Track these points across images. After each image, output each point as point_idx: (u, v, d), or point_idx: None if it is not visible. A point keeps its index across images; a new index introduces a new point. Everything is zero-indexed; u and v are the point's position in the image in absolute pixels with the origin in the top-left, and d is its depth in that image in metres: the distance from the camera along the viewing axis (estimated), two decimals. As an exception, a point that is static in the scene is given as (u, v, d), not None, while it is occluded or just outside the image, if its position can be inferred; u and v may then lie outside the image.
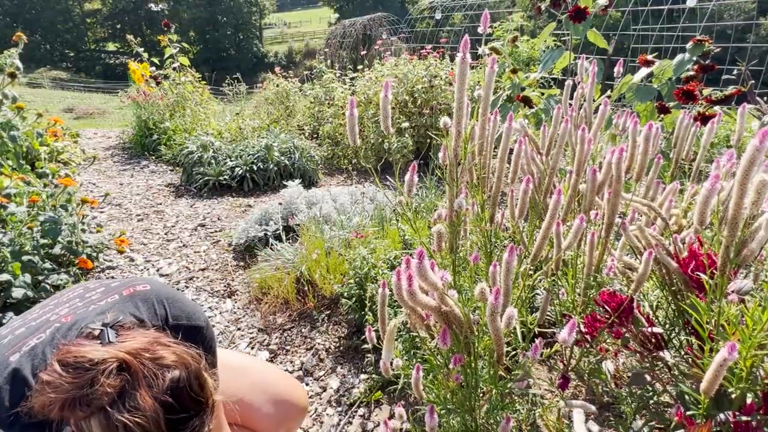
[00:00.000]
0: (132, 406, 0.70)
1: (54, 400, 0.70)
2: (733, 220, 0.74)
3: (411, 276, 0.76)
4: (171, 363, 0.76)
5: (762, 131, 0.67)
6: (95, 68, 34.35)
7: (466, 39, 0.85)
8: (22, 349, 0.81)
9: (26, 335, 0.84)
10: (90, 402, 0.69)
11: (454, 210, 1.00)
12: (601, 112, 1.27)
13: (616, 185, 1.05)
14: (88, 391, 0.69)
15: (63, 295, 0.98)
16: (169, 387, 0.74)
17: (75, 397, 0.69)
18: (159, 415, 0.71)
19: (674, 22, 11.66)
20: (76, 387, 0.70)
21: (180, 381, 0.75)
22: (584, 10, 2.32)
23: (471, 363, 0.99)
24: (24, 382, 0.78)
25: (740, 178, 0.71)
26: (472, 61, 1.00)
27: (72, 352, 0.74)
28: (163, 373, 0.74)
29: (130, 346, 0.76)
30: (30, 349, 0.82)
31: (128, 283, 0.99)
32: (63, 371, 0.72)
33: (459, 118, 0.94)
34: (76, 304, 0.93)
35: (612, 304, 0.99)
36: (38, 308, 0.93)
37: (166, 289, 1.04)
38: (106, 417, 0.69)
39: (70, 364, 0.72)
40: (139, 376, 0.73)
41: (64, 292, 0.99)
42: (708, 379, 0.67)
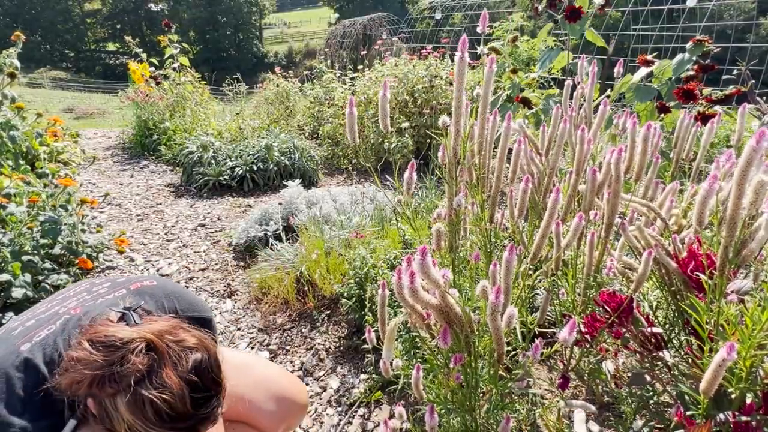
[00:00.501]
0: (159, 384, 0.73)
1: (85, 377, 0.72)
2: (731, 220, 0.74)
3: (413, 273, 0.76)
4: (193, 345, 0.79)
5: (759, 132, 0.67)
6: (95, 68, 34.35)
7: (464, 38, 0.85)
8: (33, 339, 0.83)
9: (36, 326, 0.86)
10: (120, 379, 0.72)
11: (453, 209, 1.00)
12: (601, 112, 1.27)
13: (615, 185, 1.05)
14: (118, 369, 0.72)
15: (69, 290, 1.00)
16: (193, 367, 0.77)
17: (106, 374, 0.72)
18: (185, 393, 0.74)
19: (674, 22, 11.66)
20: (108, 364, 0.72)
21: (203, 362, 0.78)
22: (579, 9, 2.33)
23: (471, 362, 0.99)
24: (36, 370, 0.80)
25: (738, 178, 0.71)
26: (472, 61, 1.00)
27: (101, 332, 0.77)
28: (186, 354, 0.77)
29: (154, 328, 0.79)
30: (41, 339, 0.83)
31: (135, 279, 1.02)
32: (94, 349, 0.74)
33: (458, 117, 0.94)
34: (84, 297, 0.95)
35: (612, 304, 0.99)
36: (46, 302, 0.96)
37: (171, 284, 1.07)
38: (134, 394, 0.71)
39: (101, 342, 0.75)
40: (165, 356, 0.75)
41: (70, 287, 1.01)
42: (707, 379, 0.67)
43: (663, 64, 2.35)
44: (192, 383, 0.76)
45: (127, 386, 0.72)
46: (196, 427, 0.78)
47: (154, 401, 0.71)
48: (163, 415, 0.72)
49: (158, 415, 0.72)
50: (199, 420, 0.78)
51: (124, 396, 0.72)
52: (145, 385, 0.72)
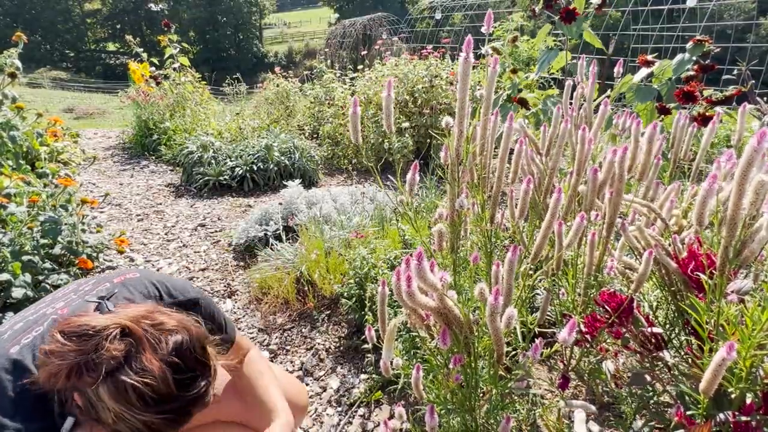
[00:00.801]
0: (139, 368, 0.71)
1: (60, 368, 0.71)
2: (731, 220, 0.74)
3: (410, 277, 0.77)
4: (172, 327, 0.78)
5: (760, 132, 0.67)
6: (95, 68, 34.34)
7: (469, 39, 0.85)
8: (22, 342, 0.82)
9: (24, 329, 0.85)
10: (97, 366, 0.70)
11: (456, 210, 1.00)
12: (602, 112, 1.27)
13: (618, 184, 1.05)
14: (93, 356, 0.71)
15: (58, 292, 1.00)
16: (174, 348, 0.76)
17: (81, 363, 0.71)
18: (167, 375, 0.73)
19: (674, 22, 11.66)
20: (82, 353, 0.71)
21: (183, 343, 0.77)
22: (574, 11, 2.33)
23: (471, 363, 0.99)
24: (26, 372, 0.79)
25: (739, 178, 0.71)
26: (473, 61, 1.01)
27: (73, 322, 0.76)
28: (165, 336, 0.76)
29: (130, 314, 0.78)
30: (29, 341, 0.83)
31: (119, 272, 1.02)
32: (66, 340, 0.73)
33: (461, 118, 0.94)
34: (71, 297, 0.94)
35: (612, 304, 0.99)
36: (34, 306, 0.95)
37: (156, 273, 1.06)
38: (114, 381, 0.70)
39: (73, 333, 0.74)
40: (143, 340, 0.74)
41: (59, 290, 1.01)
42: (707, 379, 0.67)
43: (663, 65, 2.35)
44: (174, 365, 0.75)
45: (105, 374, 0.70)
46: (187, 408, 0.77)
47: (136, 386, 0.70)
48: (147, 399, 0.71)
49: (142, 399, 0.71)
50: (188, 401, 0.77)
51: (104, 384, 0.70)
52: (125, 371, 0.71)
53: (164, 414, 0.73)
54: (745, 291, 0.85)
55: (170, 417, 0.74)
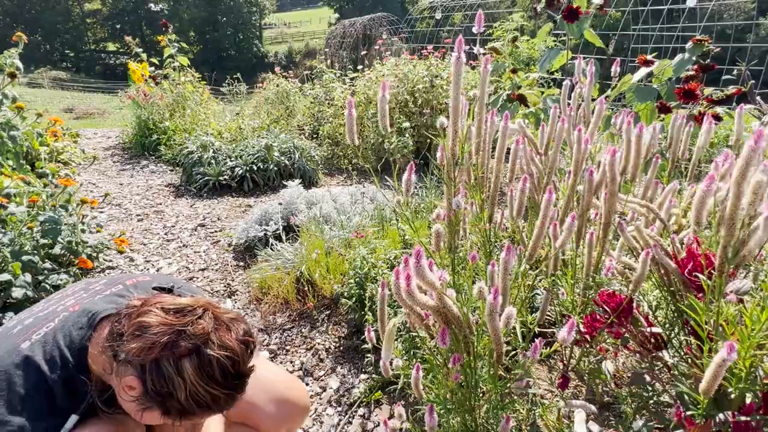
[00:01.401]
0: (222, 345, 0.80)
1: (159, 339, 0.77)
2: (730, 220, 0.74)
3: (409, 276, 0.77)
4: (236, 316, 0.88)
5: (758, 132, 0.67)
6: (95, 68, 34.35)
7: (460, 39, 0.85)
8: (33, 338, 0.84)
9: (35, 324, 0.87)
10: (191, 338, 0.78)
11: (452, 209, 1.00)
12: (598, 111, 1.26)
13: (611, 186, 1.05)
14: (190, 329, 0.79)
15: (67, 289, 1.02)
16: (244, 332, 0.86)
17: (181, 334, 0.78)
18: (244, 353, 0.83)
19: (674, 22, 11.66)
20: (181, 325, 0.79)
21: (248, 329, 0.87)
22: (577, 9, 2.33)
23: (470, 363, 0.99)
24: (37, 369, 0.81)
25: (736, 178, 0.71)
26: (471, 61, 1.01)
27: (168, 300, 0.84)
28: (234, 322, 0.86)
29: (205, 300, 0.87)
30: (41, 337, 0.84)
31: (130, 276, 1.06)
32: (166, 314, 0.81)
33: (455, 118, 0.94)
34: (81, 296, 0.96)
35: (611, 304, 0.99)
36: (43, 302, 0.97)
37: (166, 277, 1.13)
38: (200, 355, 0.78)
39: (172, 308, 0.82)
40: (221, 321, 0.84)
41: (67, 288, 1.03)
42: (707, 380, 0.67)
43: (663, 64, 2.35)
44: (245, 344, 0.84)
45: (196, 346, 0.78)
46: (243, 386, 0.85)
47: (220, 360, 0.79)
48: (227, 374, 0.79)
49: (222, 373, 0.79)
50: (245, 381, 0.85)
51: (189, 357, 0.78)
52: (211, 345, 0.79)
53: (229, 390, 0.81)
54: (745, 291, 0.85)
55: (231, 393, 0.82)
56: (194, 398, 0.77)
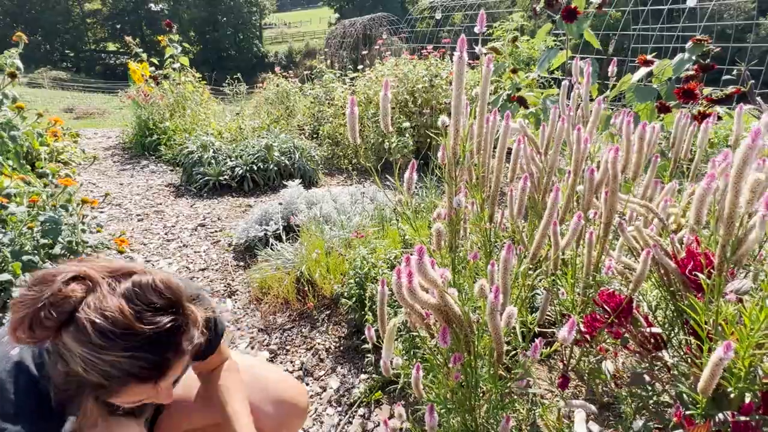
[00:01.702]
0: (96, 306, 0.71)
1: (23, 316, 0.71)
2: (728, 218, 0.74)
3: (411, 273, 0.77)
4: (131, 269, 0.78)
5: (754, 130, 0.67)
6: (95, 68, 34.35)
7: (462, 38, 0.85)
8: None
9: None
10: (56, 308, 0.70)
11: (453, 208, 1.00)
12: (596, 110, 1.27)
13: (612, 184, 1.05)
14: (51, 299, 0.71)
15: None
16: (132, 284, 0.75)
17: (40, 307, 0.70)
18: (124, 307, 0.72)
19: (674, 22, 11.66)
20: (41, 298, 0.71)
21: (143, 280, 0.76)
22: (575, 10, 2.34)
23: (471, 362, 0.99)
24: (27, 373, 0.79)
25: (734, 176, 0.71)
26: (471, 61, 1.01)
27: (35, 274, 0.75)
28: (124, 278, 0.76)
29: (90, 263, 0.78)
30: None
31: None
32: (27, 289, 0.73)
33: (457, 117, 0.94)
34: None
35: (611, 304, 0.99)
36: None
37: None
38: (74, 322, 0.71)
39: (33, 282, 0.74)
40: (100, 283, 0.74)
41: None
42: (705, 379, 0.67)
43: (663, 64, 2.35)
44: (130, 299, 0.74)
45: (65, 315, 0.71)
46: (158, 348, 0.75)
47: (94, 321, 0.70)
48: (107, 333, 0.70)
49: (102, 335, 0.70)
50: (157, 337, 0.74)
51: (66, 329, 0.71)
52: (82, 309, 0.71)
53: (130, 351, 0.72)
54: (745, 291, 0.85)
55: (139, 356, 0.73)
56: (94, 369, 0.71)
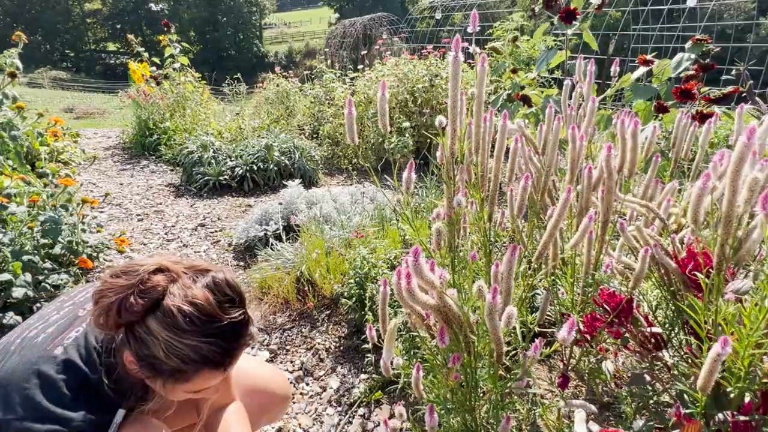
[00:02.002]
0: (181, 294, 0.78)
1: (112, 302, 0.76)
2: (726, 218, 0.74)
3: (409, 275, 0.77)
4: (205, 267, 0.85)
5: (749, 129, 0.67)
6: (95, 68, 34.37)
7: (457, 38, 0.86)
8: (65, 342, 0.85)
9: (61, 331, 0.87)
10: (144, 294, 0.76)
11: (452, 208, 1.00)
12: (590, 109, 1.26)
13: (608, 182, 1.05)
14: (141, 287, 0.77)
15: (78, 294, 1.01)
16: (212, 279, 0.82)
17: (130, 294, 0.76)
18: (209, 297, 0.79)
19: (674, 22, 11.66)
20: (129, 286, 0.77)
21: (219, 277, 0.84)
22: (574, 11, 2.33)
23: (470, 362, 0.99)
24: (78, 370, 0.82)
25: (731, 176, 0.71)
26: (470, 60, 1.01)
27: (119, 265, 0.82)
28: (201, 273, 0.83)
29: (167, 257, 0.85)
30: (72, 341, 0.85)
31: None
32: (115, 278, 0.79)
33: (454, 117, 0.95)
34: None
35: (611, 304, 0.99)
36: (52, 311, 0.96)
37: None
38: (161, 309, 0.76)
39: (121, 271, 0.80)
40: (181, 274, 0.81)
41: (76, 292, 1.02)
42: (704, 376, 0.67)
43: (662, 64, 2.35)
44: (212, 290, 0.80)
45: (152, 301, 0.76)
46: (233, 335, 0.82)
47: (182, 308, 0.76)
48: (194, 320, 0.76)
49: (189, 321, 0.76)
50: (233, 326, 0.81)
51: (152, 314, 0.76)
52: (170, 297, 0.77)
53: (211, 337, 0.78)
54: (745, 291, 0.85)
55: (217, 342, 0.79)
56: (174, 354, 0.76)
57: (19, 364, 0.80)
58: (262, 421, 1.22)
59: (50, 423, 0.76)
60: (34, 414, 0.76)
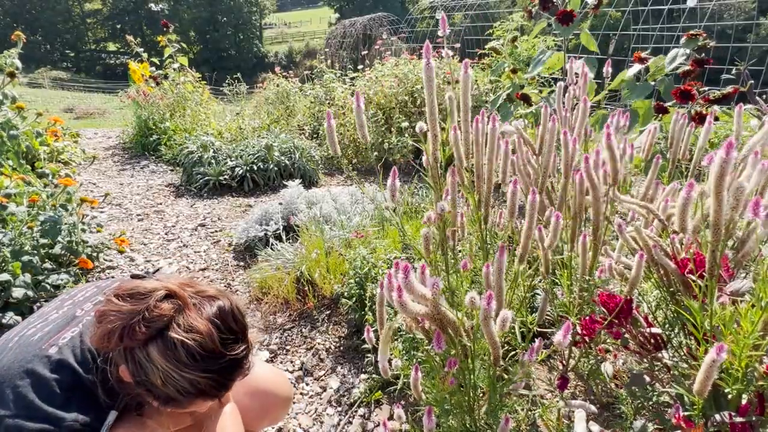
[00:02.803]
0: (186, 326, 0.77)
1: (115, 327, 0.75)
2: (715, 225, 0.74)
3: (400, 288, 0.77)
4: (214, 294, 0.84)
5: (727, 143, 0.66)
6: (95, 68, 34.39)
7: (427, 45, 0.86)
8: (59, 342, 0.85)
9: (57, 330, 0.88)
10: (148, 323, 0.75)
11: (438, 213, 1.01)
12: (582, 109, 1.26)
13: (593, 192, 1.05)
14: (146, 315, 0.76)
15: (76, 294, 1.02)
16: (218, 310, 0.81)
17: (135, 321, 0.75)
18: (213, 333, 0.78)
19: (674, 22, 11.66)
20: (136, 311, 0.76)
21: (225, 307, 0.83)
22: (571, 13, 2.32)
23: (468, 365, 0.99)
24: (71, 369, 0.83)
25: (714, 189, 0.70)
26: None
27: (126, 286, 0.81)
28: (209, 301, 0.82)
29: (174, 281, 0.84)
30: (67, 341, 0.86)
31: None
32: (121, 301, 0.78)
33: (433, 123, 0.95)
34: (98, 300, 0.97)
35: (610, 305, 0.99)
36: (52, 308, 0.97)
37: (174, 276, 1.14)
38: (163, 339, 0.76)
39: (127, 294, 0.79)
40: (188, 303, 0.80)
41: (75, 291, 1.03)
42: (700, 380, 0.67)
43: (658, 61, 2.34)
44: (217, 325, 0.80)
45: (156, 331, 0.75)
46: (230, 371, 0.82)
47: (185, 342, 0.75)
48: (195, 355, 0.76)
49: (191, 355, 0.75)
50: (232, 362, 0.81)
51: (154, 342, 0.75)
52: (174, 328, 0.76)
53: (209, 373, 0.78)
54: (744, 291, 0.85)
55: (214, 377, 0.79)
56: (172, 384, 0.76)
57: (14, 361, 0.81)
58: (264, 422, 1.22)
59: (41, 422, 0.76)
60: (26, 412, 0.76)
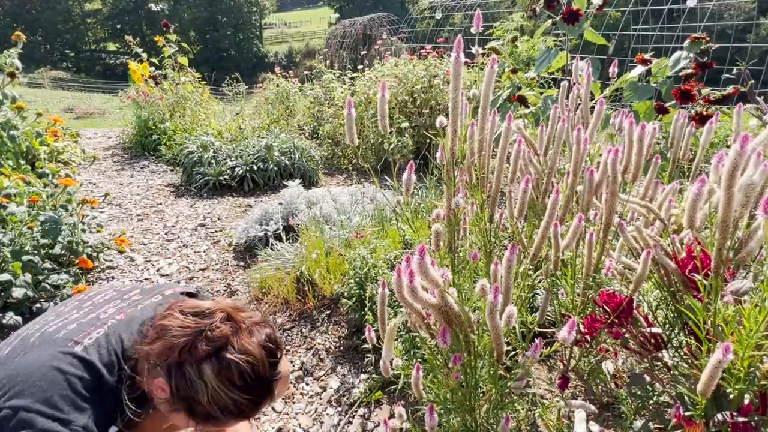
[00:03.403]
0: (242, 349, 0.81)
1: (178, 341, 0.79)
2: (723, 222, 0.74)
3: (412, 272, 0.77)
4: (261, 320, 0.89)
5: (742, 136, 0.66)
6: (95, 68, 34.37)
7: (459, 39, 0.85)
8: (84, 342, 0.87)
9: (81, 330, 0.89)
10: (210, 342, 0.79)
11: (451, 209, 1.00)
12: (597, 111, 1.26)
13: (612, 186, 1.05)
14: (209, 333, 0.80)
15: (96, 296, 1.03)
16: (267, 337, 0.86)
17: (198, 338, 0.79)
18: (264, 357, 0.83)
19: (674, 22, 11.66)
20: (199, 329, 0.80)
21: (271, 334, 0.88)
22: (577, 12, 2.32)
23: (471, 362, 0.99)
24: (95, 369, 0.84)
25: (726, 183, 0.70)
26: (468, 60, 1.01)
27: (188, 304, 0.86)
28: (258, 327, 0.87)
29: (225, 304, 0.88)
30: (93, 341, 0.87)
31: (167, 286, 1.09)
32: (185, 316, 0.82)
33: (455, 118, 0.94)
34: (120, 305, 0.99)
35: (611, 305, 0.99)
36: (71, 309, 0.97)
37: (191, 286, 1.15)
38: (219, 358, 0.79)
39: (191, 312, 0.84)
40: (242, 327, 0.84)
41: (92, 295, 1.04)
42: (704, 381, 0.67)
43: (661, 63, 2.34)
44: (268, 350, 0.84)
45: (215, 349, 0.79)
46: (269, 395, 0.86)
47: (239, 364, 0.79)
48: (247, 378, 0.80)
49: (242, 377, 0.79)
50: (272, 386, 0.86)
51: (210, 361, 0.78)
52: (230, 350, 0.80)
53: (252, 395, 0.82)
54: (745, 291, 0.85)
55: (255, 400, 0.83)
56: (217, 403, 0.78)
57: (39, 357, 0.82)
58: None
59: (51, 420, 0.77)
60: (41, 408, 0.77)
